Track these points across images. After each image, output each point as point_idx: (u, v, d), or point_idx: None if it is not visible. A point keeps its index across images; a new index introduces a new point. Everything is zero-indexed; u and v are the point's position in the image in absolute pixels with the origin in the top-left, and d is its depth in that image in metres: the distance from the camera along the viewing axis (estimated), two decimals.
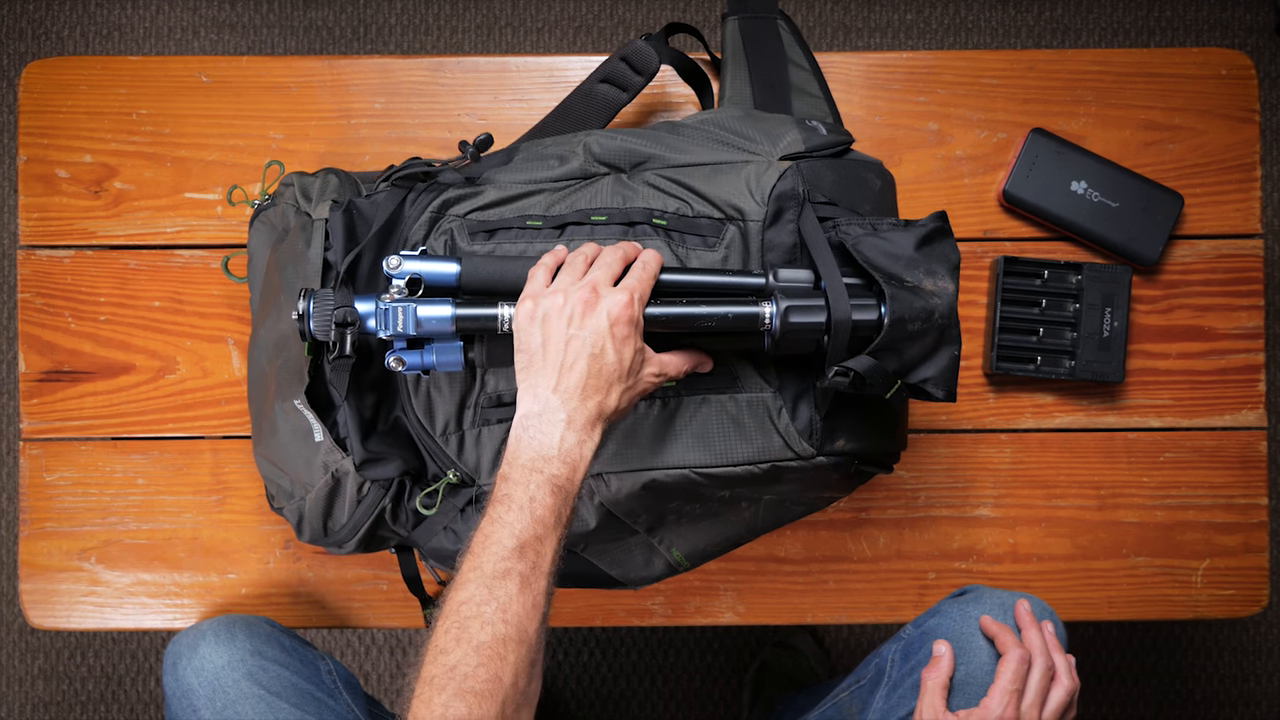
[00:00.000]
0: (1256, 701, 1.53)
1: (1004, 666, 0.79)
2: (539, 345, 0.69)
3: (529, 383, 0.70)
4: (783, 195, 0.77)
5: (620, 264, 0.72)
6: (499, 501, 0.68)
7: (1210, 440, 1.00)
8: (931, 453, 1.00)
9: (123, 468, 0.99)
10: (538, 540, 0.67)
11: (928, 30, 1.57)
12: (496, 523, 0.67)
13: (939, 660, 0.81)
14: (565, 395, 0.68)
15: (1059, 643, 0.82)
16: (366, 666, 1.52)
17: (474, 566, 0.66)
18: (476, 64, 1.00)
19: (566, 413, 0.68)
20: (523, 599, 0.66)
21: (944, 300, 0.72)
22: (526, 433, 0.69)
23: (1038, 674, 0.80)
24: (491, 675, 0.64)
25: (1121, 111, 1.00)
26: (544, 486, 0.67)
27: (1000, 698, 0.78)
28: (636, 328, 0.70)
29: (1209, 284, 1.00)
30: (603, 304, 0.69)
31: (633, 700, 1.52)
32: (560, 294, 0.69)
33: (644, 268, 0.72)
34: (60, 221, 0.99)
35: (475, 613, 0.65)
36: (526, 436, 0.69)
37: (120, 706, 1.53)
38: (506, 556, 0.66)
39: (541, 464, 0.68)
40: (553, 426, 0.68)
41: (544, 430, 0.68)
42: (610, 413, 0.70)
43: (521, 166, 0.83)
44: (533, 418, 0.69)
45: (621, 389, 0.70)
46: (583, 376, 0.68)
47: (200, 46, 1.56)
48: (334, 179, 0.84)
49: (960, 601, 0.85)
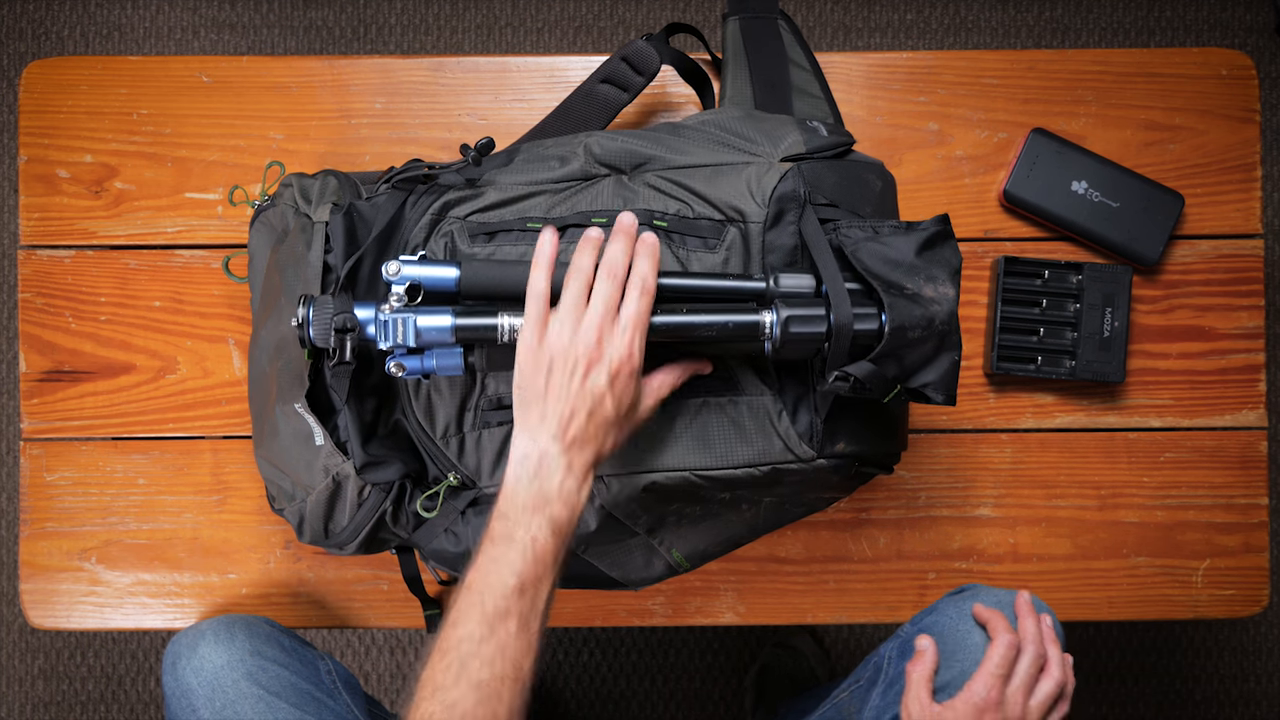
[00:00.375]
0: (1256, 701, 1.53)
1: (992, 650, 0.79)
2: (541, 390, 0.70)
3: (527, 423, 0.71)
4: (784, 197, 0.77)
5: (622, 280, 0.71)
6: (498, 540, 0.69)
7: (1210, 440, 1.00)
8: (932, 453, 1.00)
9: (123, 468, 0.99)
10: (537, 581, 0.68)
11: (928, 30, 1.57)
12: (497, 561, 0.68)
13: (922, 654, 0.82)
14: (566, 444, 0.70)
15: (1055, 636, 0.82)
16: (366, 666, 1.52)
17: (473, 604, 0.67)
18: (477, 64, 1.00)
19: (567, 460, 0.70)
20: (521, 639, 0.67)
21: (944, 307, 0.72)
22: (526, 474, 0.70)
23: (1027, 660, 0.80)
24: (489, 714, 0.65)
25: (1122, 111, 1.00)
26: (545, 528, 0.69)
27: (985, 680, 0.78)
28: (636, 371, 0.71)
29: (1209, 284, 1.00)
30: (605, 359, 0.70)
31: (633, 700, 1.52)
32: (566, 337, 0.70)
33: (642, 286, 0.71)
34: (61, 221, 0.99)
35: (474, 651, 0.66)
36: (526, 478, 0.70)
37: (120, 706, 1.53)
38: (507, 595, 0.67)
39: (542, 505, 0.69)
40: (552, 472, 0.70)
41: (544, 474, 0.69)
42: (606, 455, 0.72)
43: (522, 168, 0.83)
44: (532, 461, 0.70)
45: (618, 433, 0.72)
46: (582, 427, 0.70)
47: (200, 46, 1.56)
48: (333, 181, 0.84)
49: (958, 599, 0.85)
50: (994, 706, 0.77)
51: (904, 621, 0.92)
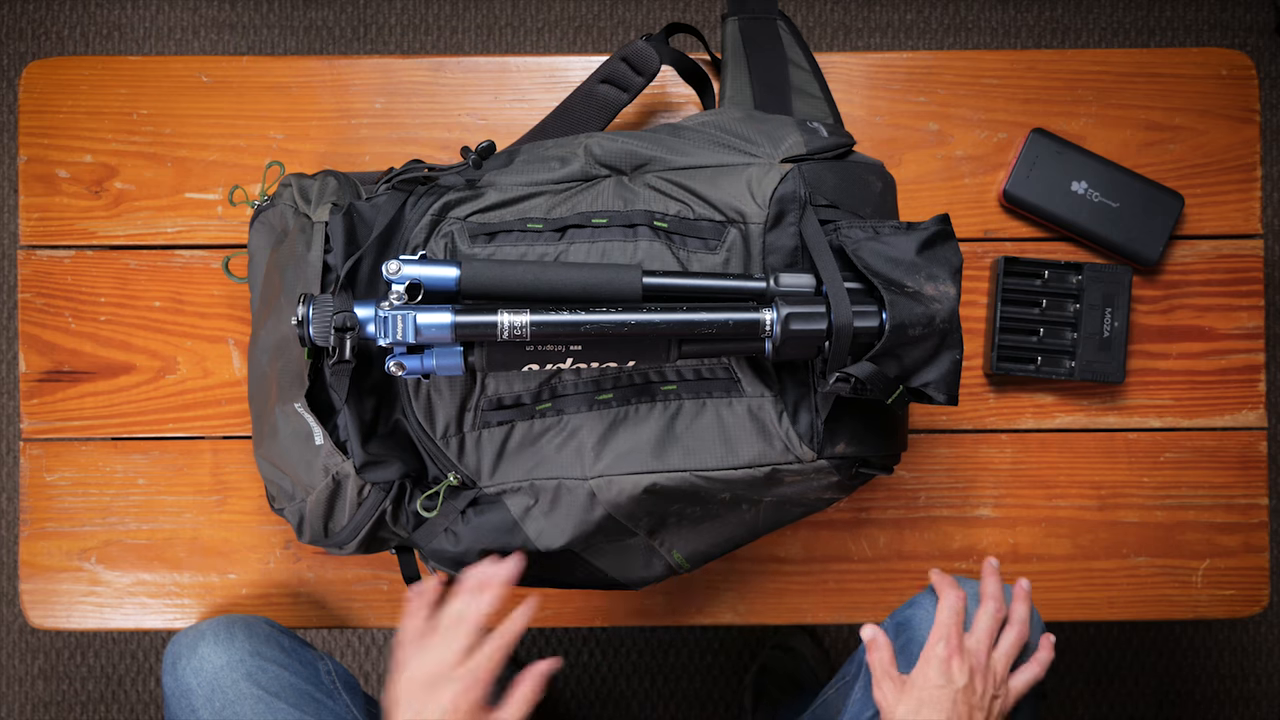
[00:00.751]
0: (1256, 701, 1.53)
1: (940, 605, 0.81)
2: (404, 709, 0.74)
3: None
4: (784, 198, 0.77)
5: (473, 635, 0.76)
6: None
7: (1210, 440, 1.00)
8: (932, 453, 1.00)
9: (123, 468, 0.99)
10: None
11: (928, 30, 1.57)
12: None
13: (874, 642, 0.82)
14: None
15: (1025, 595, 0.84)
16: (366, 667, 1.52)
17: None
18: (477, 64, 1.00)
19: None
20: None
21: (945, 305, 0.72)
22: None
23: (985, 615, 0.81)
24: None
25: (1121, 111, 1.00)
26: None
27: (938, 633, 0.79)
28: None
29: (1209, 284, 1.00)
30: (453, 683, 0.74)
31: (633, 700, 1.52)
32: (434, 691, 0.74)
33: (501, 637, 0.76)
34: (60, 221, 0.99)
35: None
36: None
37: (120, 706, 1.53)
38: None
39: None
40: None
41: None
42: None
43: (522, 168, 0.83)
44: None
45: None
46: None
47: (200, 46, 1.56)
48: (333, 181, 0.84)
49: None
50: (956, 653, 0.78)
51: None
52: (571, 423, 0.80)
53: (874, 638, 0.82)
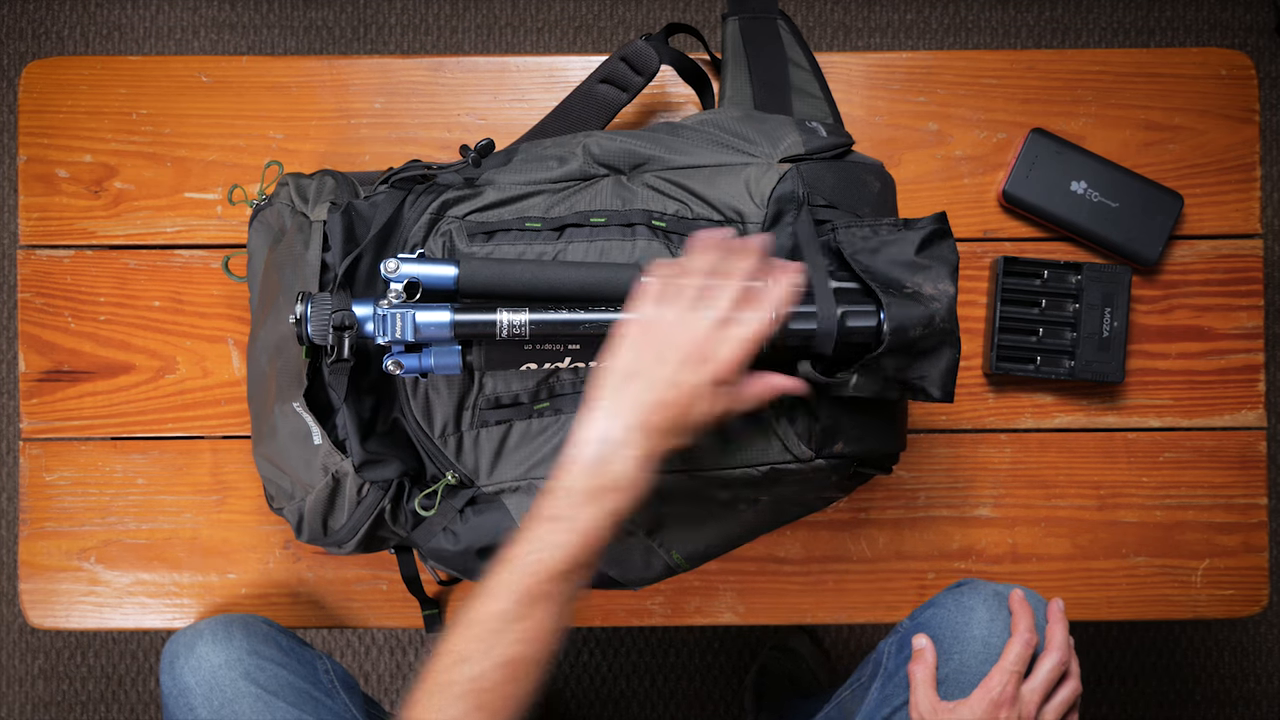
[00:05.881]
0: (1256, 701, 1.53)
1: (1010, 646, 0.79)
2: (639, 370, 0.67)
3: (613, 405, 0.67)
4: (782, 198, 0.77)
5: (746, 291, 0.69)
6: (552, 520, 0.66)
7: (1210, 440, 1.00)
8: (931, 453, 1.00)
9: (122, 468, 0.99)
10: (586, 567, 0.66)
11: (928, 30, 1.57)
12: (543, 542, 0.65)
13: (921, 653, 0.81)
14: (649, 432, 0.66)
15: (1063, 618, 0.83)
16: (366, 667, 1.52)
17: (512, 583, 0.65)
18: (476, 64, 1.00)
19: (647, 449, 0.66)
20: (555, 623, 0.65)
21: (944, 304, 0.72)
22: (594, 457, 0.66)
23: (1050, 663, 0.79)
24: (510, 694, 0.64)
25: (1121, 111, 1.00)
26: (607, 518, 0.66)
27: (1001, 677, 0.78)
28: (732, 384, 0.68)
29: (1209, 284, 1.00)
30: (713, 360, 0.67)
31: (633, 700, 1.52)
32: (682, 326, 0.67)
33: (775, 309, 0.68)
34: (60, 221, 0.99)
35: (505, 628, 0.64)
36: (594, 460, 0.66)
37: (120, 706, 1.53)
38: (552, 579, 0.65)
39: (606, 491, 0.66)
40: (627, 460, 0.66)
41: (617, 459, 0.66)
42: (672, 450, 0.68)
43: (521, 167, 0.83)
44: (606, 444, 0.66)
45: (689, 438, 0.69)
46: (668, 420, 0.66)
47: (200, 46, 1.57)
48: (330, 180, 0.84)
49: (956, 593, 0.85)
50: (1009, 703, 0.77)
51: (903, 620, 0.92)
52: (569, 422, 0.80)
53: (924, 648, 0.81)
